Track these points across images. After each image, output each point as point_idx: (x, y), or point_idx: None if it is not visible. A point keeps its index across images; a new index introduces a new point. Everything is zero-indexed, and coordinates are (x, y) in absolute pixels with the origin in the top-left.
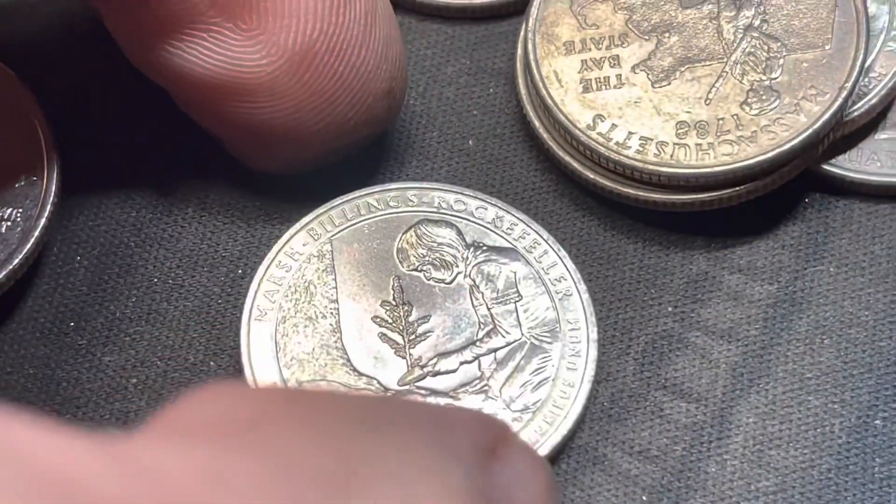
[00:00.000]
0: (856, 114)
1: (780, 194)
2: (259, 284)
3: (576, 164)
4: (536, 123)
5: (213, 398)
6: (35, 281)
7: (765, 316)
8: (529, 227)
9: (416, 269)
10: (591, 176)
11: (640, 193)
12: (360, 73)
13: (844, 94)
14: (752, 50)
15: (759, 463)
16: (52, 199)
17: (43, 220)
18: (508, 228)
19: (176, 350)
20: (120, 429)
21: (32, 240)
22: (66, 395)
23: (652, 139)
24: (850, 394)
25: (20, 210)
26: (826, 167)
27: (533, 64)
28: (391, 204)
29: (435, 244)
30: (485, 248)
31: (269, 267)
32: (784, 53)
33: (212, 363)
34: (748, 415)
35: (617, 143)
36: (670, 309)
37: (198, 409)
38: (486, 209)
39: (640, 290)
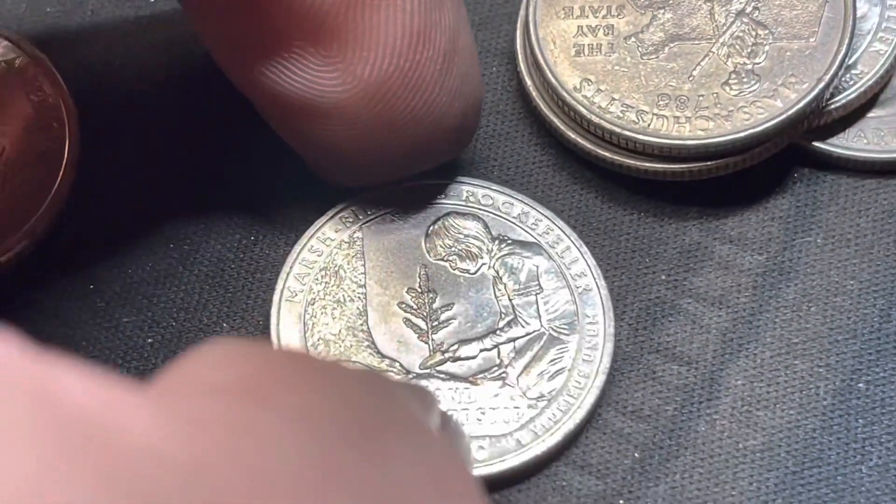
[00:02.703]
0: (833, 107)
1: (770, 169)
2: (291, 267)
3: (559, 124)
4: (528, 83)
5: (221, 357)
6: (55, 245)
7: (754, 284)
8: (554, 223)
9: (442, 259)
10: (573, 136)
11: (616, 157)
12: (432, 110)
13: (821, 85)
14: (741, 34)
15: (747, 423)
16: (71, 165)
17: (65, 190)
18: (533, 224)
19: (190, 312)
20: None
21: (54, 207)
22: (87, 354)
23: (633, 107)
24: (834, 358)
25: (40, 175)
26: (814, 144)
27: (532, 25)
28: (421, 196)
29: (462, 236)
30: (509, 241)
31: (301, 251)
32: (770, 41)
33: (224, 324)
34: (737, 377)
35: (599, 107)
36: (664, 277)
37: (215, 365)
38: (512, 204)
39: (635, 258)
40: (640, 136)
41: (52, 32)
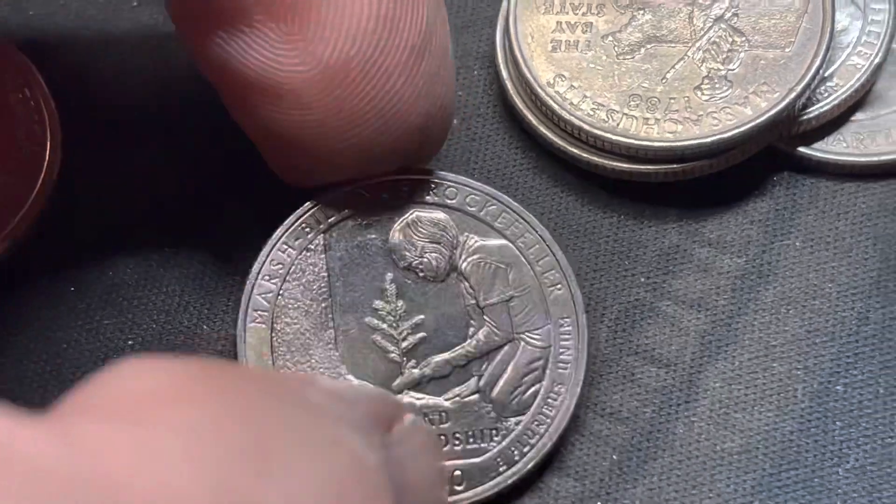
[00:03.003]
0: (805, 118)
1: (749, 172)
2: (253, 287)
3: (532, 119)
4: (504, 75)
5: (130, 374)
6: (39, 249)
7: (733, 287)
8: (527, 223)
9: (408, 267)
10: (544, 131)
11: (584, 155)
12: (393, 104)
13: (793, 95)
14: (717, 40)
15: (725, 425)
16: (53, 167)
17: (44, 188)
18: (503, 225)
19: (171, 314)
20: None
21: (36, 209)
22: (66, 356)
23: (604, 105)
24: (812, 361)
25: (21, 176)
26: (793, 147)
27: (511, 18)
28: (384, 196)
29: (427, 240)
30: (478, 245)
31: (263, 264)
32: (746, 48)
33: (205, 326)
34: (715, 380)
35: (571, 104)
36: (643, 279)
37: (116, 385)
38: (480, 203)
39: (614, 261)
40: (609, 135)
41: (34, 35)
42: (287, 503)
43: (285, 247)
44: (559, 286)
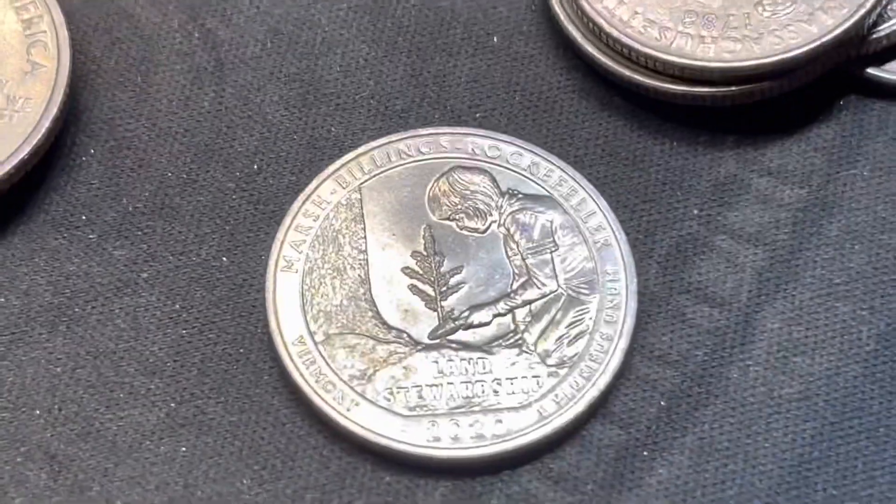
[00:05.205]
0: (875, 36)
1: (814, 95)
2: (286, 234)
3: (577, 36)
4: None
5: None
6: (48, 173)
7: (794, 220)
8: (566, 173)
9: (448, 218)
10: (590, 50)
11: (634, 76)
12: None
13: (862, 11)
14: None
15: (783, 370)
16: (63, 88)
17: (55, 111)
18: (545, 175)
19: (188, 245)
20: (129, 324)
21: (44, 130)
22: (76, 289)
23: (656, 23)
24: (879, 300)
25: (30, 98)
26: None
27: None
28: (423, 150)
29: (468, 192)
30: (520, 195)
31: (295, 216)
32: None
33: (224, 259)
34: (773, 320)
35: (621, 21)
36: (696, 212)
37: None
38: (521, 155)
39: (665, 191)
40: (661, 55)
41: None
42: None
43: (319, 199)
44: (605, 236)
